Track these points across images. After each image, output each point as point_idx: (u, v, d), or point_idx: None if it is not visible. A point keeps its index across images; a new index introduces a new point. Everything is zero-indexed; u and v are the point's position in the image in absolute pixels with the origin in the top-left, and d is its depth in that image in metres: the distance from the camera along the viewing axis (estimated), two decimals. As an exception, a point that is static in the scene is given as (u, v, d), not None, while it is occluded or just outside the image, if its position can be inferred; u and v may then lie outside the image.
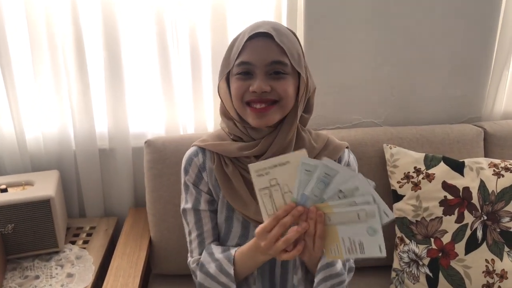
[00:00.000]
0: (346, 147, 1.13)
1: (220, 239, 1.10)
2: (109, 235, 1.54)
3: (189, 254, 1.10)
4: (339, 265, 1.01)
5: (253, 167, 0.87)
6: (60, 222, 1.41)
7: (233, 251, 1.01)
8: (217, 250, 1.04)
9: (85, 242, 1.50)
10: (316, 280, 0.99)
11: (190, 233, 1.09)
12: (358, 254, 0.84)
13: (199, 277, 1.03)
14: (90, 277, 1.32)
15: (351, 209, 0.82)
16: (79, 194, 1.66)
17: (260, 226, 0.88)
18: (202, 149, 1.10)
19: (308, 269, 1.05)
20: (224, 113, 1.09)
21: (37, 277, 1.31)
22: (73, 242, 1.49)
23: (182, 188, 1.11)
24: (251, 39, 0.96)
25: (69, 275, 1.32)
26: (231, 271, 0.98)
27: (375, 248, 0.82)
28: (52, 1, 1.42)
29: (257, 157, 1.03)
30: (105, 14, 1.45)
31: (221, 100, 1.07)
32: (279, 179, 0.87)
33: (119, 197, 1.66)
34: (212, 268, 1.01)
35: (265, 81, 0.95)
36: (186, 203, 1.10)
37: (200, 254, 1.06)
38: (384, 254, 0.81)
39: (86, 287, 1.28)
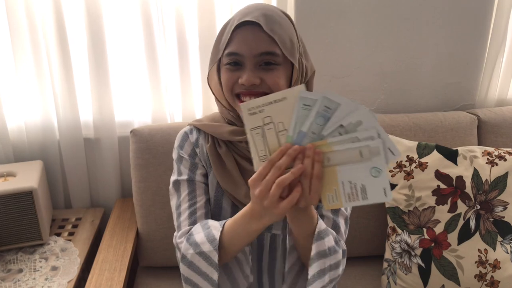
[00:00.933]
0: None
1: None
2: (95, 227, 1.50)
3: (175, 232, 0.98)
4: (330, 240, 0.90)
5: (245, 105, 0.78)
6: (44, 213, 1.37)
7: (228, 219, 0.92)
8: (213, 222, 0.93)
9: (71, 234, 1.46)
10: (312, 253, 0.86)
11: (180, 205, 1.00)
12: (360, 200, 0.75)
13: (183, 247, 0.91)
14: (75, 270, 1.28)
15: (353, 145, 0.73)
16: (64, 184, 1.61)
17: (255, 174, 0.78)
18: (197, 129, 1.06)
19: (297, 247, 0.94)
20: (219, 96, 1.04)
21: (20, 270, 1.28)
22: (58, 234, 1.45)
23: (174, 164, 1.05)
24: (239, 28, 0.90)
25: (54, 268, 1.29)
26: (218, 235, 0.87)
27: (379, 192, 0.74)
28: (32, -15, 1.37)
29: None
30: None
31: (208, 83, 1.02)
32: (274, 116, 0.78)
33: (106, 188, 1.62)
34: (199, 236, 0.90)
35: (254, 73, 0.90)
36: (179, 175, 1.02)
37: (191, 225, 0.96)
38: (390, 198, 0.74)
39: (71, 280, 1.24)
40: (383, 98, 1.62)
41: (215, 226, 0.90)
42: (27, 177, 1.37)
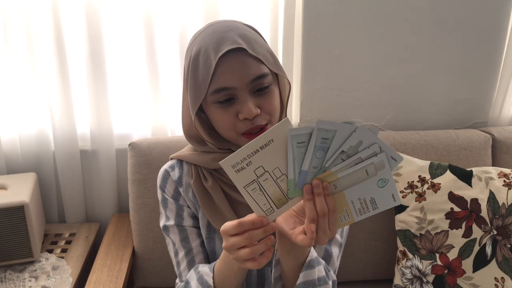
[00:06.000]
0: None
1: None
2: (90, 243, 1.43)
3: (177, 280, 0.96)
4: (321, 270, 0.86)
5: (226, 163, 0.69)
6: (35, 229, 1.30)
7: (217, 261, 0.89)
8: (203, 265, 0.91)
9: (64, 250, 1.39)
10: (298, 281, 0.83)
11: (177, 253, 0.97)
12: (371, 211, 0.73)
13: None
14: (66, 291, 1.21)
15: (358, 167, 0.70)
16: (58, 198, 1.54)
17: (224, 225, 0.72)
18: (180, 162, 0.98)
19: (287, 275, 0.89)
20: (189, 134, 0.95)
21: (8, 290, 1.21)
22: (51, 251, 1.38)
23: (160, 206, 0.99)
24: (221, 59, 0.80)
25: (44, 288, 1.22)
26: (210, 281, 0.85)
27: (388, 199, 0.72)
28: (30, -10, 1.31)
29: None
30: (88, 6, 1.33)
31: (197, 129, 0.89)
32: (266, 165, 0.70)
33: (102, 202, 1.55)
34: (194, 283, 0.88)
35: (253, 103, 0.81)
36: (167, 220, 0.97)
37: None
38: (398, 201, 0.72)
39: (62, 302, 1.18)
40: (393, 114, 1.55)
41: (206, 272, 0.88)
42: (18, 191, 1.31)
